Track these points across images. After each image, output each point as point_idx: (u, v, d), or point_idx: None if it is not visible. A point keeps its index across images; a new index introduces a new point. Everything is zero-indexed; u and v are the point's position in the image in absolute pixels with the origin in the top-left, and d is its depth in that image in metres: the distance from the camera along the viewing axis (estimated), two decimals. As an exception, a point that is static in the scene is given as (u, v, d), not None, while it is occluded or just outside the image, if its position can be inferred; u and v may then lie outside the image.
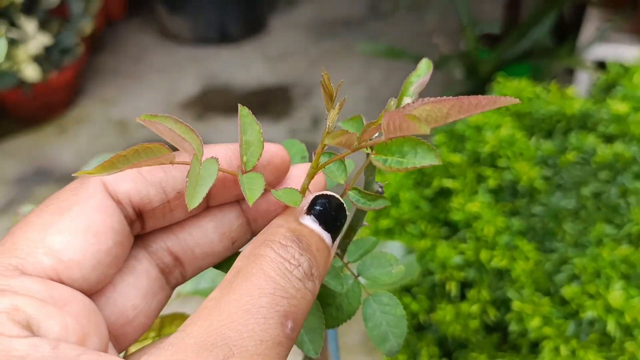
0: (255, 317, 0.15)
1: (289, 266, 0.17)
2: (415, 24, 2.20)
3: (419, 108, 0.15)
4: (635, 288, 0.73)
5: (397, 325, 0.21)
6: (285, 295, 0.16)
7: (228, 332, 0.15)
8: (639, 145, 0.83)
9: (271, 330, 0.15)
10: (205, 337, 0.15)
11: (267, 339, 0.15)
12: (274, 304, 0.16)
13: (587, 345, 0.73)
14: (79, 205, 0.17)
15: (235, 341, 0.15)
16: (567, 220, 0.79)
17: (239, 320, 0.15)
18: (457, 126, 0.96)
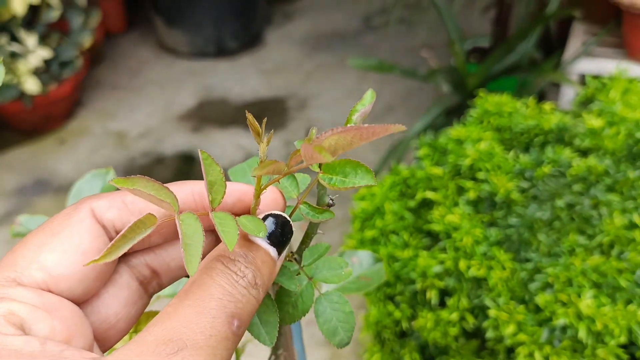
0: (206, 317, 0.18)
1: (235, 277, 0.20)
2: (407, 38, 2.24)
3: (329, 138, 0.18)
4: (605, 296, 0.76)
5: (346, 321, 0.24)
6: (232, 300, 0.19)
7: (182, 329, 0.18)
8: (611, 159, 0.86)
9: (219, 327, 0.18)
10: (163, 334, 0.18)
11: (216, 334, 0.18)
12: (222, 306, 0.19)
13: (560, 352, 0.76)
14: (70, 229, 0.20)
15: (187, 336, 0.18)
16: (542, 231, 0.82)
17: (192, 320, 0.18)
18: (440, 140, 0.99)
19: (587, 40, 1.51)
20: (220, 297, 0.19)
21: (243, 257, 0.20)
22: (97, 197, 0.22)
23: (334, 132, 0.18)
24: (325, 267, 0.25)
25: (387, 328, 0.91)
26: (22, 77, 1.84)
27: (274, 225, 0.22)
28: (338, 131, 0.18)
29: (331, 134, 0.18)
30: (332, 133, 0.18)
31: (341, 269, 0.25)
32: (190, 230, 0.19)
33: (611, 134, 0.88)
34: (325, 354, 1.31)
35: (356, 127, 0.18)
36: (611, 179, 0.84)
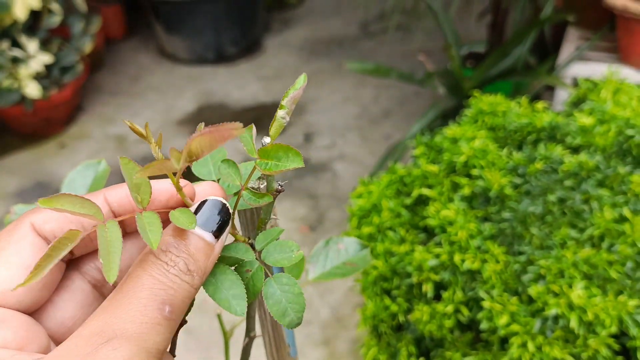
0: (136, 306, 0.20)
1: (166, 266, 0.21)
2: (404, 44, 2.27)
3: (194, 140, 0.20)
4: (596, 287, 0.78)
5: (295, 302, 0.25)
6: (163, 287, 0.20)
7: (114, 320, 0.19)
8: (602, 155, 0.88)
9: (150, 314, 0.20)
10: (96, 327, 0.19)
11: (147, 321, 0.19)
12: (152, 295, 0.20)
13: (552, 342, 0.77)
14: (13, 245, 0.22)
15: (118, 326, 0.19)
16: (534, 225, 0.84)
17: (124, 310, 0.20)
18: (435, 139, 1.01)
19: (580, 44, 1.54)
20: (150, 286, 0.20)
21: (174, 247, 0.21)
22: (36, 211, 0.23)
23: (196, 136, 0.20)
24: (276, 250, 0.26)
25: (384, 322, 0.92)
26: (23, 82, 1.86)
27: (209, 210, 0.23)
28: (198, 135, 0.20)
29: (197, 135, 0.20)
30: (195, 136, 0.20)
31: (292, 252, 0.26)
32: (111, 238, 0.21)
33: (602, 132, 0.90)
34: (323, 353, 1.32)
35: (210, 129, 0.20)
36: (602, 175, 0.86)
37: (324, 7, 2.73)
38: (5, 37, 1.88)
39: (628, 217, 0.81)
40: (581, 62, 1.48)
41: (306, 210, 1.68)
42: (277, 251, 0.26)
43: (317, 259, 0.40)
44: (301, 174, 1.80)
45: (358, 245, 0.42)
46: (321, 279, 0.40)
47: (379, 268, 0.92)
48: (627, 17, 1.37)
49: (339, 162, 1.84)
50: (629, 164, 0.88)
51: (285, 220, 1.64)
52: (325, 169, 1.81)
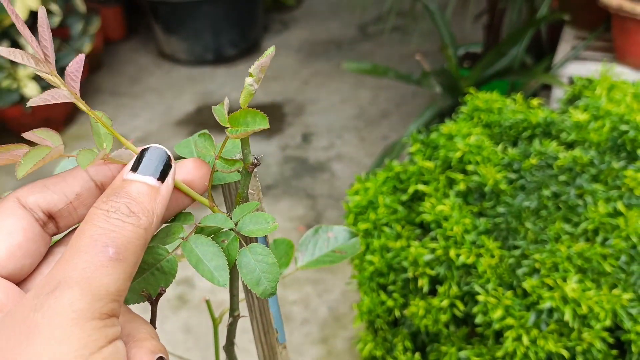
0: (78, 253, 0.20)
1: (107, 213, 0.22)
2: (401, 46, 2.28)
3: None
4: (590, 281, 0.78)
5: (269, 271, 0.25)
6: (104, 232, 0.21)
7: (59, 272, 0.20)
8: (596, 150, 0.89)
9: (92, 258, 0.20)
10: (44, 281, 0.20)
11: (89, 265, 0.20)
12: (93, 241, 0.21)
13: (547, 335, 0.78)
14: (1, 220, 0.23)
15: (61, 275, 0.20)
16: (529, 219, 0.84)
17: (67, 260, 0.20)
18: (431, 136, 1.02)
19: (576, 44, 1.54)
20: (91, 233, 0.21)
21: (114, 195, 0.22)
22: (20, 188, 0.25)
23: None
24: (252, 222, 0.27)
25: (380, 317, 0.93)
26: (22, 82, 1.87)
27: (149, 157, 0.24)
28: None
29: None
30: None
31: (267, 223, 0.26)
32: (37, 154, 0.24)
33: (596, 127, 0.91)
34: (321, 352, 1.32)
35: None
36: (596, 170, 0.86)
37: (322, 8, 2.74)
38: (5, 37, 1.89)
39: (622, 211, 0.82)
40: (577, 61, 1.49)
41: (304, 210, 1.68)
42: (252, 222, 0.26)
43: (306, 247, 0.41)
44: (299, 175, 1.81)
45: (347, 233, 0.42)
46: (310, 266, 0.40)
47: (375, 264, 0.93)
48: (622, 17, 1.38)
49: (336, 163, 1.84)
50: (623, 159, 0.88)
51: (284, 219, 1.65)
52: (323, 169, 1.82)
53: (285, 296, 1.44)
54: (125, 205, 0.22)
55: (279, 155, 1.89)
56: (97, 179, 0.25)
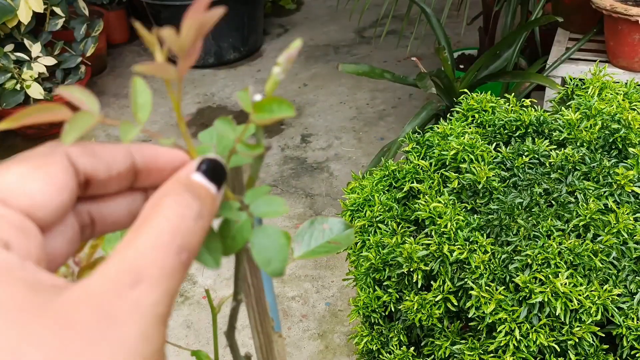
0: (158, 250, 0.21)
1: (182, 209, 0.22)
2: (399, 49, 2.30)
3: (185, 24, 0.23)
4: (581, 276, 0.80)
5: (280, 251, 0.26)
6: (181, 233, 0.21)
7: (138, 262, 0.20)
8: (587, 149, 0.91)
9: (170, 260, 0.21)
10: (122, 266, 0.20)
11: (168, 266, 0.21)
12: (172, 240, 0.21)
13: (538, 329, 0.80)
14: (49, 166, 0.23)
15: (144, 269, 0.20)
16: (521, 216, 0.86)
17: (147, 253, 0.20)
18: (426, 135, 1.04)
19: (570, 46, 1.57)
20: (170, 231, 0.21)
21: (189, 192, 0.23)
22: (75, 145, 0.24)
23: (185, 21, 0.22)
24: (264, 204, 0.28)
25: (376, 312, 0.95)
26: (26, 83, 1.89)
27: (210, 165, 0.25)
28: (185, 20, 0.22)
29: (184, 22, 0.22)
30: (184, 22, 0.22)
31: (279, 206, 0.27)
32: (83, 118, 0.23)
33: (587, 126, 0.93)
34: (319, 346, 1.34)
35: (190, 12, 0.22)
36: (587, 167, 0.88)
37: (321, 13, 2.77)
38: (10, 40, 1.91)
39: (613, 208, 0.84)
40: (570, 62, 1.51)
41: (303, 208, 1.70)
42: (264, 205, 0.27)
43: (302, 238, 0.42)
44: (298, 174, 1.83)
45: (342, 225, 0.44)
46: (306, 256, 0.42)
47: (371, 260, 0.95)
48: (614, 18, 1.40)
49: (334, 163, 1.86)
50: (614, 157, 0.90)
51: (283, 218, 1.67)
52: (321, 169, 1.84)
53: (284, 292, 1.46)
54: (198, 206, 0.22)
55: (278, 155, 1.92)
56: (138, 162, 0.25)
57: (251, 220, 0.27)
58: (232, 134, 0.28)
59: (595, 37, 1.60)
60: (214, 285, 1.48)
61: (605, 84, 1.03)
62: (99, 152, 0.24)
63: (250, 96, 0.27)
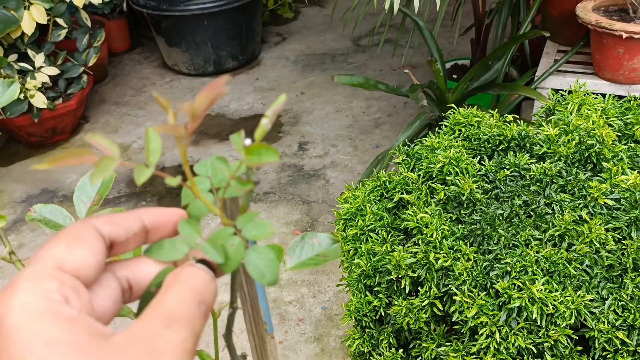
0: (184, 303, 0.28)
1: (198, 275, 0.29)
2: (394, 58, 2.36)
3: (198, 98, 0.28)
4: (556, 283, 0.86)
5: (271, 266, 0.32)
6: (199, 292, 0.29)
7: (169, 311, 0.27)
8: (564, 163, 0.97)
9: (193, 310, 0.28)
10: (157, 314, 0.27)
11: (191, 314, 0.27)
12: (193, 296, 0.28)
13: (517, 332, 0.85)
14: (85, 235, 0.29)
15: (173, 315, 0.27)
16: (502, 226, 0.92)
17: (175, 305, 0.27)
18: (415, 148, 1.10)
19: (558, 58, 1.62)
20: (190, 289, 0.28)
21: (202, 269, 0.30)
22: (95, 217, 0.30)
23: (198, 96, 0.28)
24: (254, 227, 0.33)
25: (367, 316, 1.00)
26: (30, 93, 1.95)
27: (204, 262, 0.31)
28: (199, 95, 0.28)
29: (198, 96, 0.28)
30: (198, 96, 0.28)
31: (265, 228, 0.33)
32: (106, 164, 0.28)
33: (565, 141, 0.99)
34: (315, 349, 1.40)
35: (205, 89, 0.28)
36: (564, 180, 0.94)
37: (318, 21, 2.82)
38: (14, 50, 1.97)
39: (586, 219, 0.90)
40: (558, 75, 1.57)
41: (300, 215, 1.76)
42: (254, 228, 0.33)
43: (293, 251, 0.48)
44: (295, 181, 1.88)
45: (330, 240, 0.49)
46: (297, 267, 0.48)
47: (362, 267, 1.00)
48: (600, 32, 1.46)
49: (331, 170, 1.92)
50: (589, 171, 0.96)
51: (280, 224, 1.72)
52: (318, 177, 1.90)
53: (281, 297, 1.51)
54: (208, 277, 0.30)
55: (275, 163, 1.97)
56: (146, 223, 0.32)
57: (245, 243, 0.33)
58: (227, 172, 0.33)
59: (582, 50, 1.65)
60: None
61: (585, 99, 1.09)
62: (117, 220, 0.31)
63: (242, 140, 0.33)
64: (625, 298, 0.86)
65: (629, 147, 1.01)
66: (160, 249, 0.33)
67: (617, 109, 1.08)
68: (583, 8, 1.52)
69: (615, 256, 0.87)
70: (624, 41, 1.43)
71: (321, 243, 0.47)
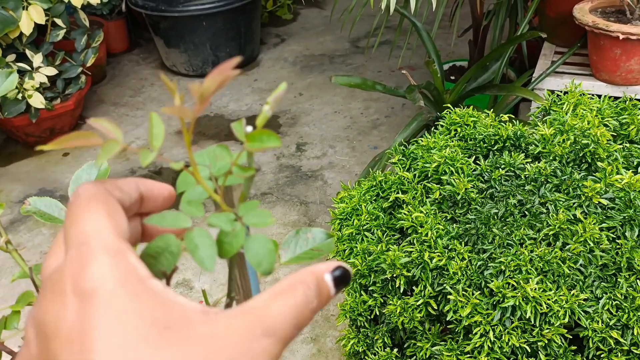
0: (286, 321, 0.27)
1: (307, 300, 0.29)
2: (392, 59, 2.36)
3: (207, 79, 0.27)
4: (550, 282, 0.86)
5: (269, 255, 0.32)
6: (300, 315, 0.28)
7: (273, 321, 0.27)
8: (559, 162, 0.97)
9: (290, 330, 0.27)
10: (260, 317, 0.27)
11: (288, 333, 0.27)
12: (294, 318, 0.28)
13: (511, 331, 0.85)
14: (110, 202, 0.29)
15: (276, 328, 0.27)
16: (497, 225, 0.92)
17: (279, 319, 0.27)
18: (411, 148, 1.10)
19: (555, 59, 1.63)
20: (294, 311, 0.28)
21: (317, 289, 0.29)
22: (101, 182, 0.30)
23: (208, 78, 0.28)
24: (254, 216, 0.33)
25: (362, 315, 1.00)
26: (28, 93, 1.95)
27: (341, 273, 0.31)
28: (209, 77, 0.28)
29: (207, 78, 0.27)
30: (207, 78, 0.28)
31: (267, 217, 0.33)
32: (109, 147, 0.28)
33: (560, 141, 0.99)
34: (312, 349, 1.39)
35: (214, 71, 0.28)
36: (558, 180, 0.94)
37: (317, 23, 2.83)
38: (12, 50, 1.97)
39: (580, 219, 0.90)
40: (555, 76, 1.57)
41: (297, 216, 1.76)
42: (254, 217, 0.33)
43: (288, 245, 0.48)
44: (293, 182, 1.88)
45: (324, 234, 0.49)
46: (291, 262, 0.48)
47: (358, 266, 1.00)
48: (597, 33, 1.46)
49: (329, 171, 1.92)
50: (583, 170, 0.96)
51: (278, 225, 1.72)
52: (315, 177, 1.90)
53: (277, 298, 1.51)
54: (317, 301, 0.29)
55: (274, 164, 1.97)
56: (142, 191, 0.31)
57: (245, 229, 0.34)
58: (229, 159, 0.33)
59: (579, 51, 1.66)
60: (210, 290, 1.53)
61: (580, 100, 1.09)
62: (122, 186, 0.30)
63: (244, 128, 0.33)
64: (619, 297, 0.86)
65: (624, 147, 1.01)
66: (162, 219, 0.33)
67: (612, 109, 1.08)
68: (580, 9, 1.52)
69: (610, 255, 0.87)
70: (621, 42, 1.44)
71: (315, 237, 0.48)
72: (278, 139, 0.31)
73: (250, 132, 0.31)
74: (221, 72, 0.28)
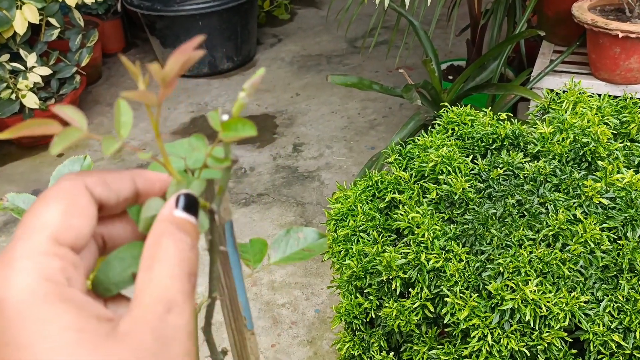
0: (177, 279, 0.25)
1: (182, 244, 0.27)
2: (389, 59, 2.35)
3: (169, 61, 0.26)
4: (550, 284, 0.84)
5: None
6: (187, 262, 0.26)
7: (166, 292, 0.25)
8: (559, 161, 0.95)
9: (186, 285, 0.26)
10: (153, 297, 0.25)
11: (186, 291, 0.25)
12: (182, 270, 0.26)
13: (510, 335, 0.83)
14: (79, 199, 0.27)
15: (171, 296, 0.25)
16: (495, 226, 0.90)
17: (169, 283, 0.25)
18: (407, 147, 1.08)
19: (554, 58, 1.61)
20: (180, 262, 0.26)
21: (179, 228, 0.27)
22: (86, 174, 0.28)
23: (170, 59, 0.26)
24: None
25: (357, 318, 0.98)
26: (22, 93, 1.93)
27: (185, 200, 0.29)
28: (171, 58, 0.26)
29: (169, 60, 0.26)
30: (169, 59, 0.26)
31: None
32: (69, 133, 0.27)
33: (559, 139, 0.97)
34: (308, 352, 1.37)
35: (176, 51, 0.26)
36: (558, 179, 0.92)
37: (314, 23, 2.81)
38: (5, 50, 1.95)
39: (580, 219, 0.88)
40: (554, 75, 1.55)
41: (294, 217, 1.74)
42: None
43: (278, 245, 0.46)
44: (290, 183, 1.86)
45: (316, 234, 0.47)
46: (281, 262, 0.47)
47: (353, 268, 0.98)
48: (596, 32, 1.44)
49: (325, 172, 1.90)
50: (583, 169, 0.94)
51: (274, 226, 1.70)
52: (312, 178, 1.88)
53: (274, 299, 1.49)
54: (189, 238, 0.27)
55: (270, 165, 1.95)
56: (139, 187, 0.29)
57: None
58: (204, 150, 0.32)
59: (578, 50, 1.64)
60: (205, 292, 1.51)
61: (580, 98, 1.07)
62: (109, 181, 0.28)
63: (220, 116, 0.31)
64: (621, 300, 0.84)
65: (625, 146, 0.99)
66: None
67: (612, 107, 1.06)
68: (579, 7, 1.50)
69: (611, 256, 0.85)
70: (620, 41, 1.42)
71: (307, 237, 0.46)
72: (253, 127, 0.29)
73: (224, 121, 0.29)
74: (183, 52, 0.26)
